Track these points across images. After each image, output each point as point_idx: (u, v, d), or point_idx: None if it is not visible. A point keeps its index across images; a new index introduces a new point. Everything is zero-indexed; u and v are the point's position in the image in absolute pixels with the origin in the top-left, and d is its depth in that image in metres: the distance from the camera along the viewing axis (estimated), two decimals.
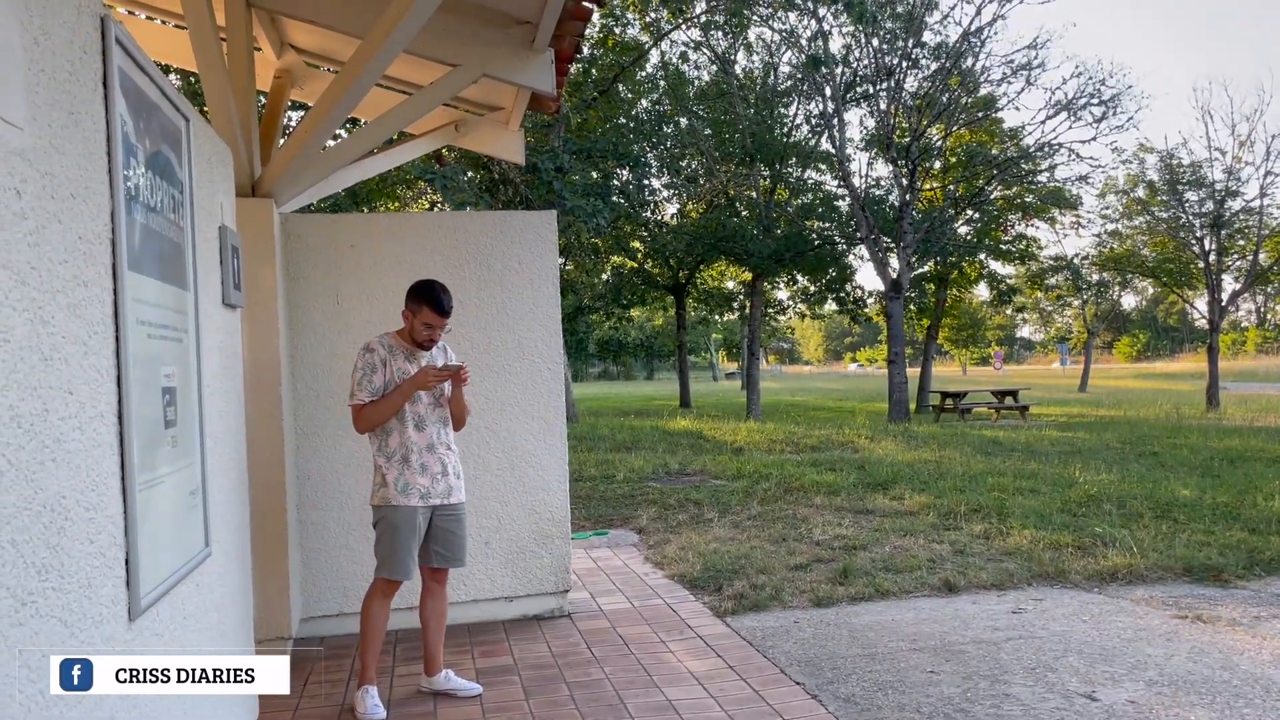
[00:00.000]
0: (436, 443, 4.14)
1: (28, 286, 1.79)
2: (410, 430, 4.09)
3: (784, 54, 23.71)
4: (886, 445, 13.76)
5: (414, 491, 4.06)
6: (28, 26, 1.81)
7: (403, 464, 4.06)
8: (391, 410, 4.03)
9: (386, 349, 4.08)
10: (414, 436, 4.09)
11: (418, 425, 4.10)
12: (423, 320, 4.05)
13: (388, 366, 4.06)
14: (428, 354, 4.21)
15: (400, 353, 4.10)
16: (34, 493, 1.78)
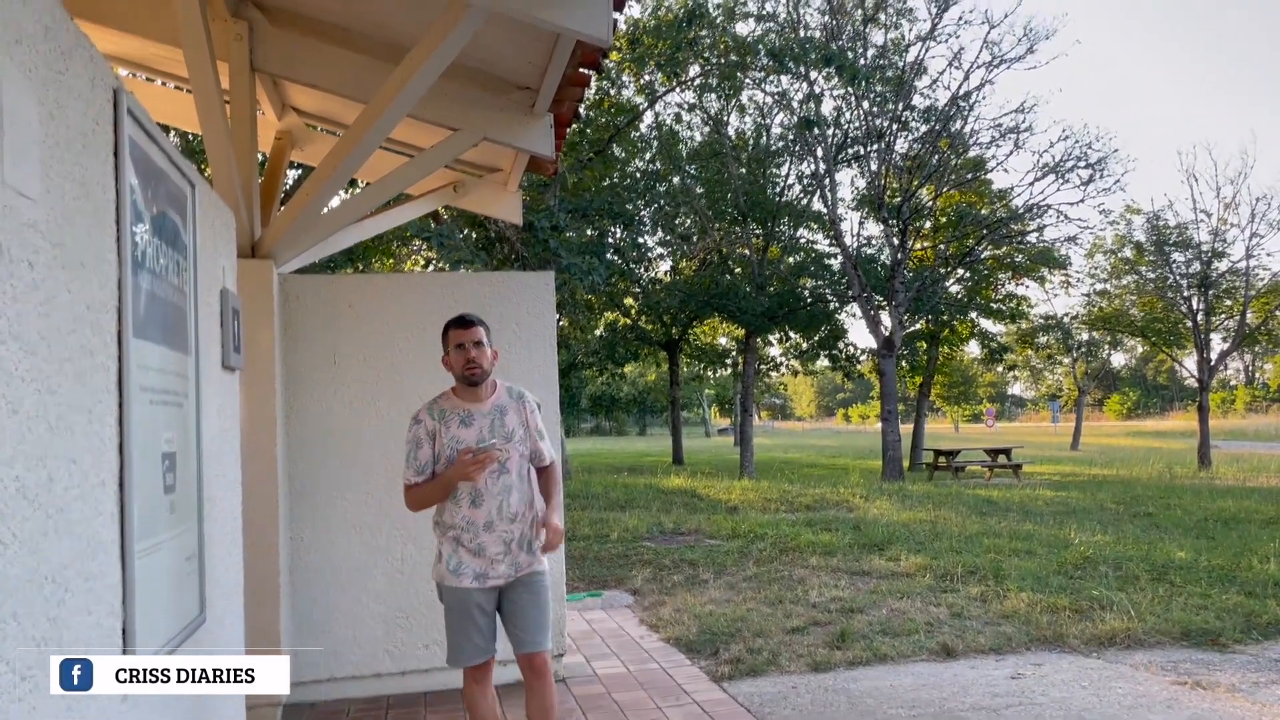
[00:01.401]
0: (497, 519, 3.56)
1: (36, 357, 1.79)
2: (465, 507, 3.56)
3: (776, 115, 24.07)
4: (881, 505, 13.70)
5: (467, 572, 3.56)
6: (44, 100, 1.84)
7: (455, 543, 3.57)
8: (439, 495, 3.56)
9: (437, 417, 3.57)
10: (468, 514, 3.55)
11: (474, 500, 3.56)
12: (453, 344, 3.56)
13: (437, 439, 3.56)
14: (483, 413, 3.60)
15: (454, 417, 3.57)
16: (37, 564, 1.77)
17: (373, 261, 17.67)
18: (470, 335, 3.54)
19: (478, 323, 3.58)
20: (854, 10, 21.95)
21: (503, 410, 3.62)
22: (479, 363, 3.54)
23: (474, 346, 3.53)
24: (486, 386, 3.63)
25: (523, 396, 3.70)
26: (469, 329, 3.54)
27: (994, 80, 24.65)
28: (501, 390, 3.67)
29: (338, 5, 4.89)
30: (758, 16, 21.25)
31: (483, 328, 3.59)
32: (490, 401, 3.62)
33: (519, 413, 3.64)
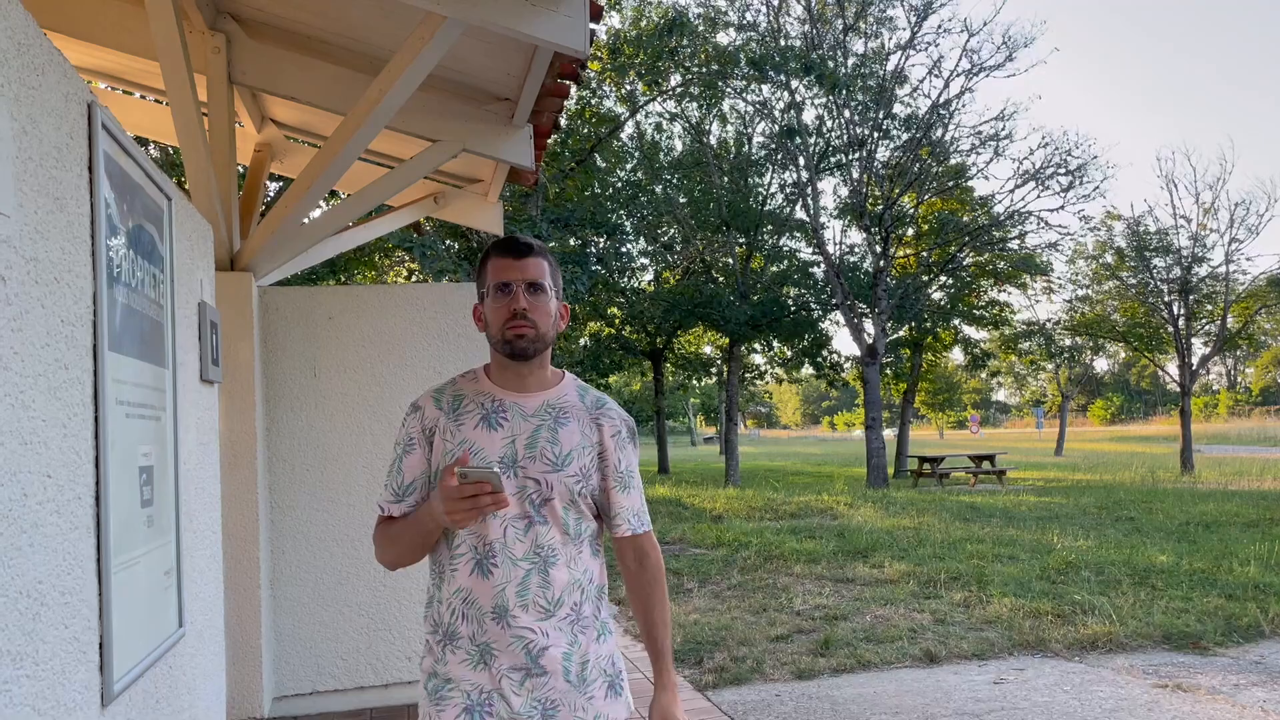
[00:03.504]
0: (516, 606, 2.00)
1: (10, 372, 1.79)
2: (464, 571, 2.04)
3: (758, 125, 24.19)
4: (866, 512, 13.75)
5: (454, 700, 2.02)
6: (16, 115, 1.85)
7: (445, 642, 2.06)
8: (414, 546, 2.07)
9: (446, 407, 2.10)
10: (470, 585, 2.03)
11: (481, 563, 2.02)
12: (493, 281, 2.04)
13: (438, 442, 2.08)
14: (526, 412, 2.07)
15: (475, 409, 2.08)
16: (11, 579, 1.77)
17: (355, 273, 17.66)
18: (523, 270, 2.02)
19: (537, 252, 2.06)
20: (834, 19, 22.12)
21: (561, 416, 2.08)
22: (533, 319, 2.01)
23: (527, 291, 2.01)
24: (542, 369, 2.11)
25: (604, 407, 2.14)
26: (521, 258, 2.03)
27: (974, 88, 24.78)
28: (569, 385, 2.15)
29: (315, 18, 4.90)
30: (739, 26, 21.37)
31: (545, 261, 2.06)
32: (544, 396, 2.09)
33: (590, 431, 2.09)
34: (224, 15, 5.11)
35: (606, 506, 2.13)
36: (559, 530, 2.06)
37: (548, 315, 2.07)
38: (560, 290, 2.14)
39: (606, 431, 2.14)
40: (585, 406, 2.16)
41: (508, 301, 2.04)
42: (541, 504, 2.05)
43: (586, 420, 2.14)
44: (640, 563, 2.19)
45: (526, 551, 2.03)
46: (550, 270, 2.09)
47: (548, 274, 2.07)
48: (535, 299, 2.04)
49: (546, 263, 2.09)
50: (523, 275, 2.04)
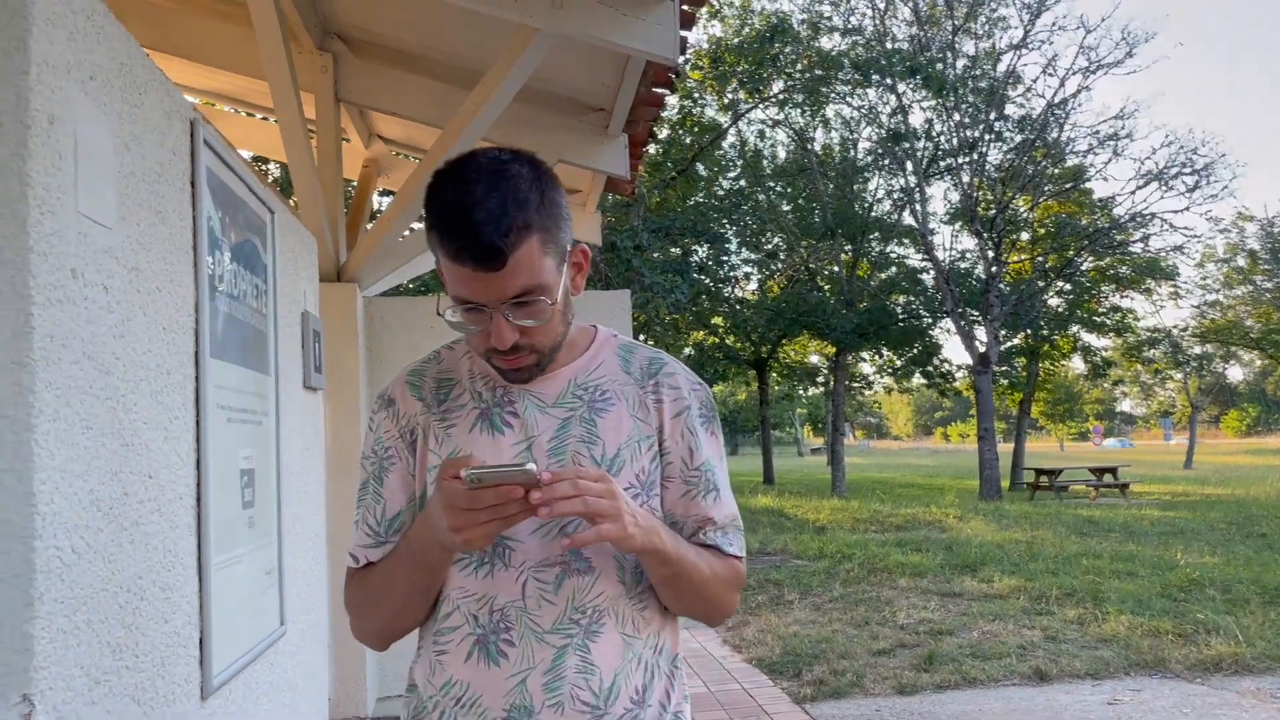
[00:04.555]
0: (542, 706, 1.33)
1: (112, 376, 1.88)
2: (455, 656, 1.39)
3: (863, 129, 23.86)
4: (976, 525, 13.36)
5: None
6: (119, 134, 1.94)
7: None
8: (404, 598, 1.42)
9: (429, 397, 1.45)
10: (469, 677, 1.37)
11: (488, 643, 1.36)
12: (454, 294, 1.29)
13: (421, 451, 1.44)
14: (544, 402, 1.41)
15: (468, 400, 1.43)
16: (111, 574, 1.85)
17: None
18: (499, 286, 1.25)
19: (514, 237, 1.23)
20: (944, 20, 21.66)
21: (598, 398, 1.42)
22: (529, 344, 1.33)
23: (512, 311, 1.28)
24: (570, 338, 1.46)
25: (661, 372, 1.47)
26: (492, 268, 1.23)
27: (1091, 86, 23.95)
28: (605, 347, 1.49)
29: (416, 35, 5.04)
30: (843, 30, 21.12)
31: (532, 239, 1.25)
32: (570, 372, 1.44)
33: (644, 412, 1.43)
34: (331, 36, 5.30)
35: (679, 523, 1.43)
36: (611, 579, 1.38)
37: (553, 328, 1.34)
38: (568, 244, 1.34)
39: (668, 409, 1.43)
40: (633, 376, 1.45)
41: (483, 332, 1.31)
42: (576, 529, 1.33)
43: (636, 397, 1.43)
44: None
45: (559, 619, 1.35)
46: (541, 243, 1.26)
47: (538, 257, 1.26)
48: (529, 314, 1.29)
49: (535, 238, 1.25)
50: (500, 293, 1.26)
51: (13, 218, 1.54)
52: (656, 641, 1.45)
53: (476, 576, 1.39)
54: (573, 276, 1.39)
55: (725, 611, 1.51)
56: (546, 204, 1.29)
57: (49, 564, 1.59)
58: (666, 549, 1.35)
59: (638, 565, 1.40)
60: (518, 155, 1.33)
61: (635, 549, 1.30)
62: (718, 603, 1.47)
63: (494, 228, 1.23)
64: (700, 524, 1.45)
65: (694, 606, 1.47)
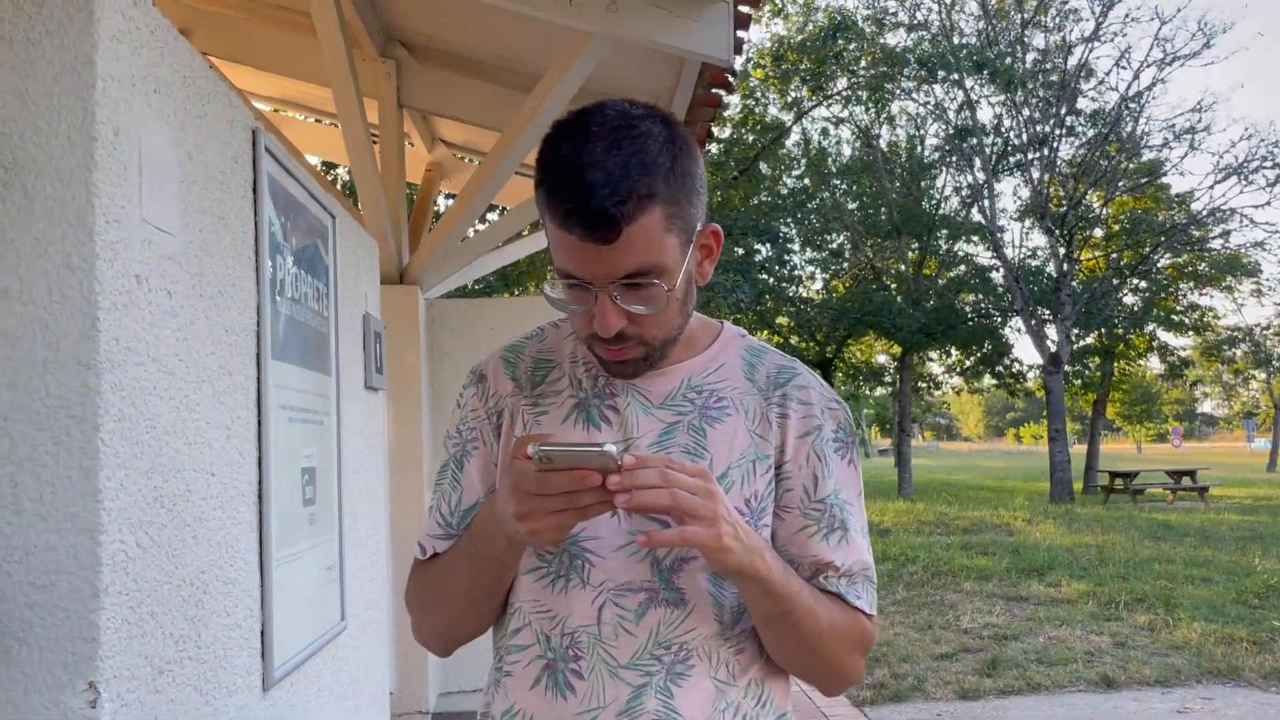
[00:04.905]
0: None
1: (175, 377, 1.95)
2: (522, 680, 1.24)
3: (930, 126, 23.54)
4: (1045, 528, 13.09)
5: None
6: (182, 143, 2.02)
7: None
8: (467, 595, 1.29)
9: (523, 378, 1.30)
10: (533, 707, 1.21)
11: (557, 670, 1.20)
12: (560, 267, 1.13)
13: (507, 434, 1.28)
14: (647, 402, 1.22)
15: (566, 386, 1.27)
16: (175, 568, 1.92)
17: (528, 286, 18.23)
18: (610, 261, 1.08)
19: (635, 206, 1.05)
20: (1012, 14, 21.27)
21: (713, 404, 1.24)
22: (638, 334, 1.15)
23: (622, 295, 1.11)
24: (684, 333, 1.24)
25: (792, 383, 1.27)
26: (607, 239, 1.06)
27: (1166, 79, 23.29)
28: (730, 346, 1.30)
29: (476, 40, 5.12)
30: (909, 26, 20.86)
31: (655, 210, 1.07)
32: (684, 370, 1.25)
33: (765, 427, 1.24)
34: (394, 43, 5.41)
35: (793, 563, 1.20)
36: (706, 616, 1.19)
37: (667, 318, 1.16)
38: (699, 222, 1.16)
39: (794, 427, 1.24)
40: (757, 385, 1.26)
41: (587, 312, 1.14)
42: (673, 567, 1.18)
43: (758, 409, 1.25)
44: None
45: (638, 653, 1.17)
46: (665, 217, 1.09)
47: (658, 233, 1.09)
48: (641, 298, 1.12)
49: (658, 209, 1.08)
50: (610, 270, 1.09)
51: (80, 226, 1.61)
52: (759, 692, 1.23)
53: (552, 591, 1.21)
54: (699, 261, 1.20)
55: (845, 676, 1.26)
56: (678, 172, 1.10)
57: (114, 557, 1.65)
58: (773, 578, 1.12)
59: (739, 605, 1.19)
60: (652, 111, 1.14)
61: (731, 567, 1.08)
62: (834, 662, 1.23)
63: (610, 191, 1.05)
64: (818, 568, 1.22)
65: (804, 661, 1.22)
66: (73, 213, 1.62)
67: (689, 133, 1.18)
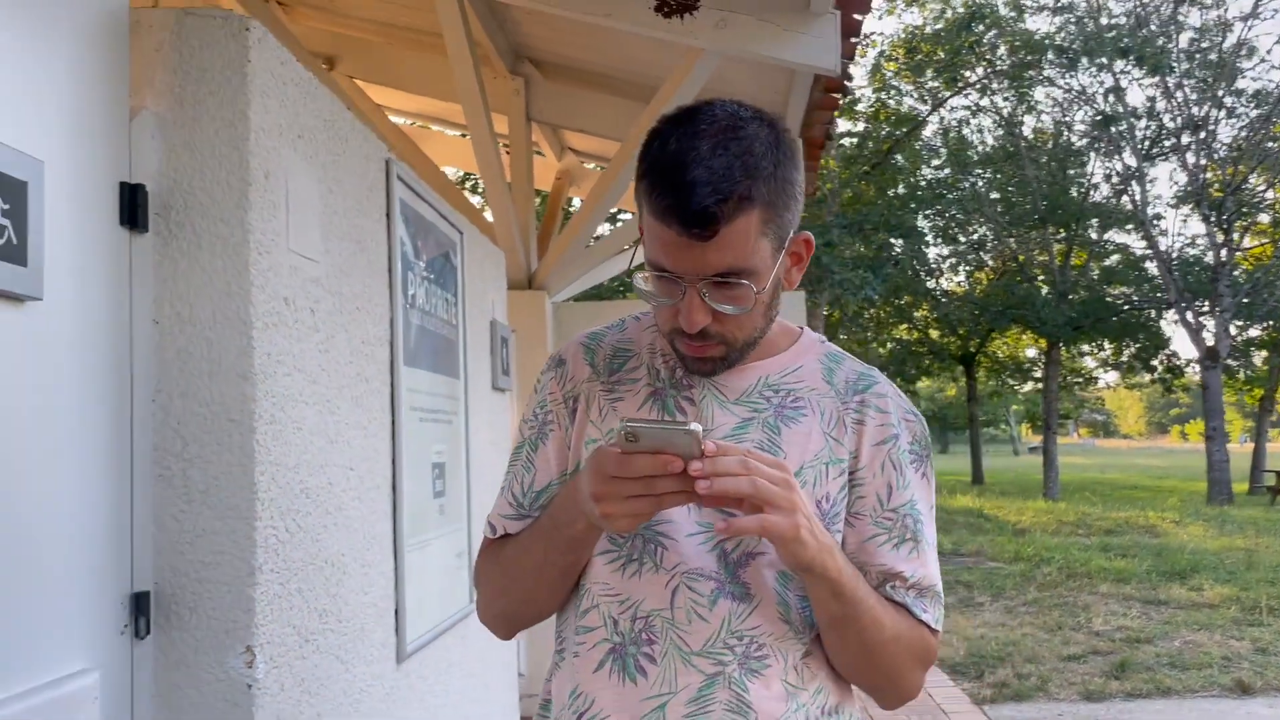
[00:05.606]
0: None
1: (318, 385, 2.24)
2: (587, 663, 1.24)
3: (1077, 112, 22.63)
4: (1194, 530, 12.53)
5: None
6: (323, 180, 2.30)
7: None
8: (536, 576, 1.29)
9: (601, 365, 1.33)
10: (597, 690, 1.22)
11: (625, 655, 1.21)
12: (652, 259, 1.17)
13: (581, 419, 1.31)
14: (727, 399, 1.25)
15: (644, 375, 1.30)
16: (318, 550, 2.21)
17: None
18: (702, 257, 1.12)
19: (735, 205, 1.09)
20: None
21: (789, 404, 1.26)
22: (720, 334, 1.19)
23: (711, 293, 1.14)
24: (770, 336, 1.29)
25: (870, 390, 1.29)
26: (704, 235, 1.09)
27: None
28: (809, 350, 1.32)
29: (598, 55, 5.35)
30: (1054, 9, 20.12)
31: (752, 212, 1.11)
32: (761, 369, 1.28)
33: (841, 431, 1.26)
34: (523, 61, 5.71)
35: (864, 569, 1.22)
36: (771, 614, 1.20)
37: (752, 320, 1.19)
38: (792, 229, 1.19)
39: (869, 434, 1.26)
40: (835, 389, 1.27)
41: (673, 307, 1.17)
42: (739, 561, 1.20)
43: (834, 412, 1.26)
44: None
45: (711, 640, 1.18)
46: (762, 220, 1.12)
47: (754, 235, 1.12)
48: (729, 297, 1.14)
49: (756, 212, 1.11)
50: (702, 266, 1.12)
51: (237, 258, 1.89)
52: (825, 702, 1.23)
53: (623, 575, 1.22)
54: (789, 267, 1.22)
55: (903, 689, 1.26)
56: (780, 178, 1.13)
57: (267, 540, 1.93)
58: (842, 579, 1.13)
59: (805, 607, 1.20)
60: (760, 114, 1.17)
61: (804, 562, 1.09)
62: (895, 673, 1.23)
63: (712, 190, 1.08)
64: (886, 577, 1.23)
65: (865, 669, 1.23)
66: (231, 247, 1.90)
67: (794, 139, 1.24)
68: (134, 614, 1.82)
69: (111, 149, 1.83)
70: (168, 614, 1.88)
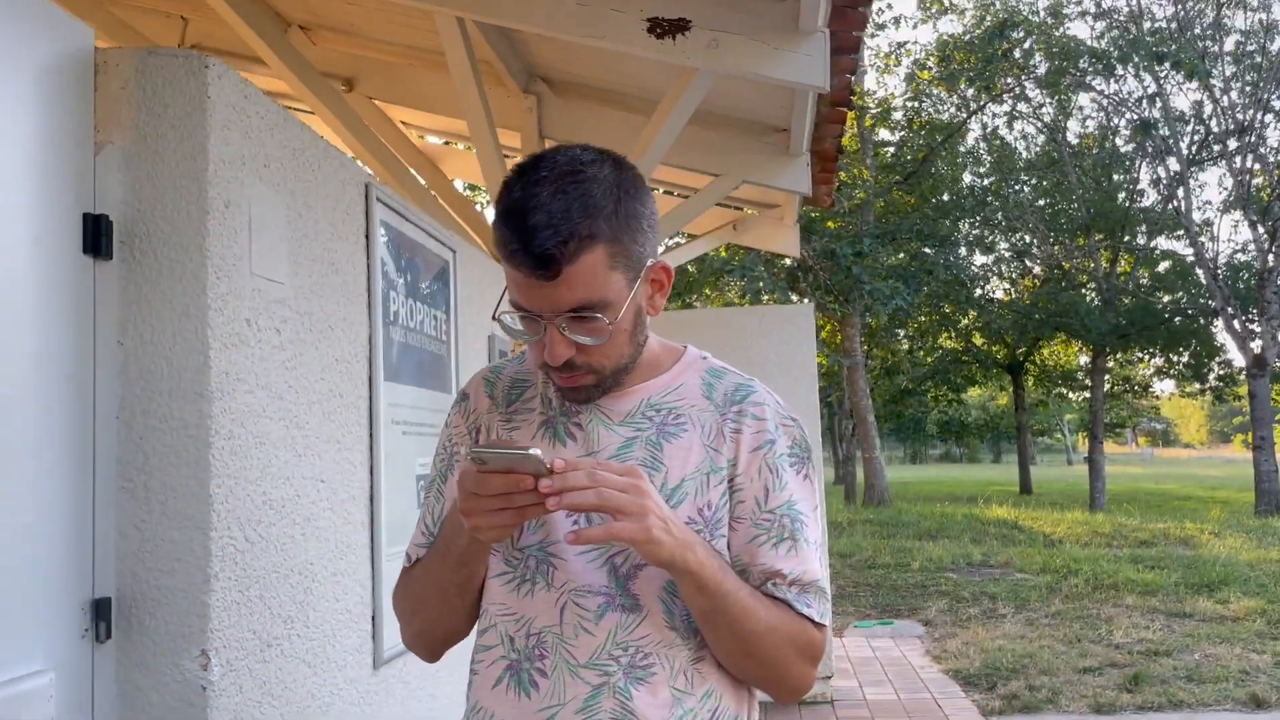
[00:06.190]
0: None
1: (284, 401, 2.34)
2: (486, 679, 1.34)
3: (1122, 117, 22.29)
4: (1231, 542, 12.26)
5: None
6: (291, 205, 2.41)
7: None
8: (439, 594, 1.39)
9: (500, 396, 1.42)
10: (494, 705, 1.31)
11: (520, 670, 1.29)
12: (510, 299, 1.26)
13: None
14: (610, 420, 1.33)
15: (537, 405, 1.38)
16: (282, 559, 2.31)
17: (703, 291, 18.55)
18: (554, 296, 1.20)
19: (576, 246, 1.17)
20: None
21: (670, 421, 1.33)
22: (587, 364, 1.26)
23: (569, 325, 1.22)
24: (645, 359, 1.35)
25: (746, 400, 1.35)
26: (549, 276, 1.18)
27: None
28: (690, 368, 1.39)
29: (604, 73, 5.45)
30: (1095, 14, 19.88)
31: (597, 247, 1.19)
32: (645, 391, 1.35)
33: (720, 442, 1.32)
34: (535, 79, 5.83)
35: (745, 573, 1.28)
36: (658, 623, 1.26)
37: (614, 349, 1.25)
38: (647, 258, 1.25)
39: (746, 441, 1.31)
40: (714, 403, 1.34)
41: (538, 343, 1.24)
42: (628, 574, 1.27)
43: (714, 424, 1.32)
44: None
45: (597, 652, 1.25)
46: (609, 255, 1.19)
47: (601, 270, 1.19)
48: (586, 330, 1.21)
49: (600, 248, 1.18)
50: (555, 304, 1.19)
51: (194, 282, 2.01)
52: (716, 705, 1.28)
53: (518, 594, 1.31)
54: (650, 295, 1.30)
55: (790, 681, 1.30)
56: (623, 214, 1.20)
57: (224, 549, 2.04)
58: (704, 573, 1.19)
59: (687, 612, 1.26)
60: (603, 156, 1.26)
61: (663, 559, 1.16)
62: (776, 665, 1.27)
63: (551, 233, 1.15)
64: (768, 576, 1.28)
65: (745, 662, 1.27)
66: (190, 272, 2.01)
67: (638, 175, 1.30)
68: (95, 619, 1.94)
69: (76, 182, 1.96)
70: (128, 619, 1.99)
